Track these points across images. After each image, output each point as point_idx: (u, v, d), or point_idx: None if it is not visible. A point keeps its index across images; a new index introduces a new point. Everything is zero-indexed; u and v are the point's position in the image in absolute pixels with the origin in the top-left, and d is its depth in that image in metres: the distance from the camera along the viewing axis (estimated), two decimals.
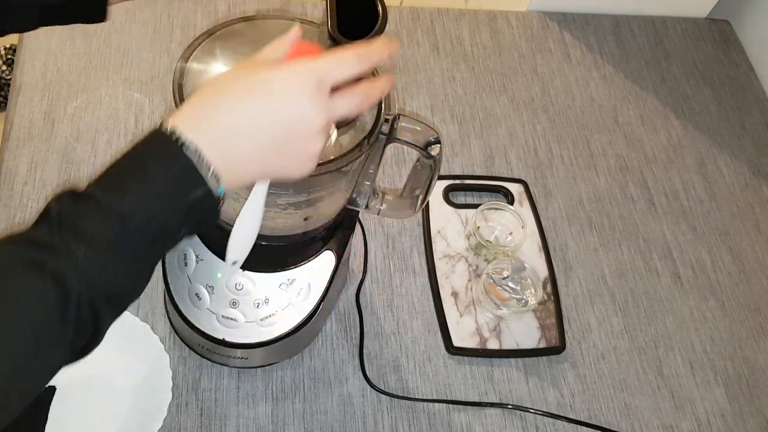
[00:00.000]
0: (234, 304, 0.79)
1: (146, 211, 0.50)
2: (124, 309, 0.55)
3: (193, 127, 0.52)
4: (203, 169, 0.51)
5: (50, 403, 0.83)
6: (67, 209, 0.50)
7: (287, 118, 0.53)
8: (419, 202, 0.77)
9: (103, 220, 0.49)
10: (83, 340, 0.51)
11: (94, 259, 0.49)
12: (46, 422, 0.82)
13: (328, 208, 0.73)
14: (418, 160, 0.74)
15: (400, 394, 0.90)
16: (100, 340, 0.53)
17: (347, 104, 0.57)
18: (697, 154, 1.20)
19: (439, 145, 0.71)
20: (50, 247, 0.49)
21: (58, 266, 0.48)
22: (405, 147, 0.70)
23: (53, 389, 0.84)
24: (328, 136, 0.58)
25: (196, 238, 0.79)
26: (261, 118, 0.53)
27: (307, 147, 0.55)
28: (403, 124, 0.70)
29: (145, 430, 0.81)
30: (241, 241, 0.62)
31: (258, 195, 0.60)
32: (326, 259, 0.80)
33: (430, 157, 0.71)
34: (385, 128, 0.68)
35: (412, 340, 0.95)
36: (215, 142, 0.52)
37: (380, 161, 0.72)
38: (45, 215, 0.51)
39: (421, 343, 0.95)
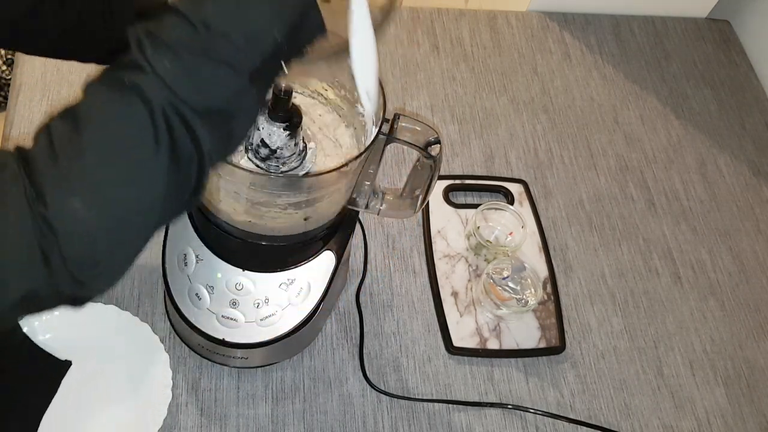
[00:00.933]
0: (234, 304, 0.79)
1: (229, 16, 0.47)
2: (231, 138, 0.51)
3: None
4: None
5: (63, 377, 0.84)
6: (147, 26, 0.47)
7: None
8: (419, 202, 0.77)
9: (185, 29, 0.46)
10: (187, 170, 0.48)
11: (178, 67, 0.46)
12: (54, 395, 0.83)
13: (328, 208, 0.73)
14: (418, 160, 0.74)
15: (400, 394, 0.90)
16: (206, 171, 0.49)
17: None
18: (697, 154, 1.20)
19: (439, 145, 0.71)
20: (131, 64, 0.46)
21: (139, 80, 0.46)
22: (405, 147, 0.71)
23: (68, 363, 0.85)
24: None
25: (195, 238, 0.79)
26: None
27: None
28: (403, 124, 0.70)
29: (145, 429, 0.82)
30: (365, 63, 0.54)
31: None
32: (326, 259, 0.80)
33: (430, 157, 0.71)
34: (385, 128, 0.68)
35: (412, 340, 0.95)
36: None
37: (380, 161, 0.72)
38: (131, 42, 0.48)
39: (421, 343, 0.95)
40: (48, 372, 0.84)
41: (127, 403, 0.84)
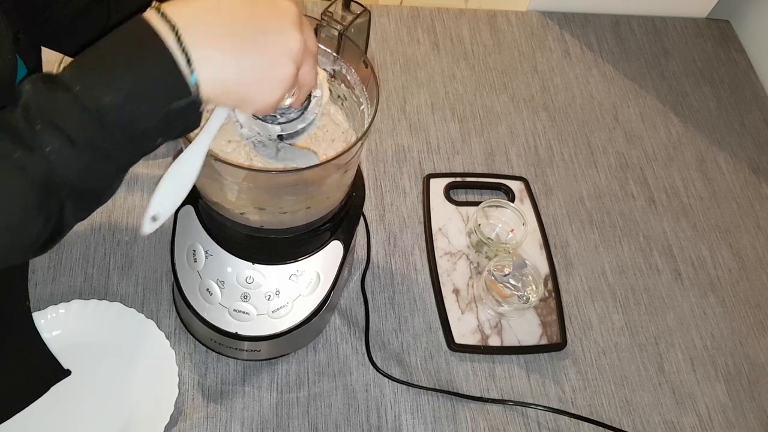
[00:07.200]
0: (245, 297, 0.83)
1: (126, 112, 0.50)
2: (89, 209, 0.56)
3: (182, 17, 0.52)
4: (188, 76, 0.51)
5: (55, 383, 0.87)
6: (42, 99, 0.50)
7: (273, 22, 0.55)
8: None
9: (80, 116, 0.50)
10: (46, 234, 0.53)
11: (67, 154, 0.50)
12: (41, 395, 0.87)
13: (330, 195, 0.78)
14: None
15: (404, 380, 0.94)
16: (60, 238, 0.55)
17: (311, 66, 0.60)
18: (697, 151, 1.25)
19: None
20: (23, 137, 0.49)
21: (27, 158, 0.49)
22: (404, 145, 0.74)
23: (68, 372, 0.88)
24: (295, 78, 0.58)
25: (203, 234, 0.84)
26: (248, 13, 0.55)
27: (281, 65, 0.56)
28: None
29: (152, 425, 0.86)
30: (170, 191, 0.58)
31: (211, 128, 0.59)
32: (334, 249, 0.84)
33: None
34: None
35: (414, 337, 0.99)
36: (198, 23, 0.52)
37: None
38: (21, 101, 0.50)
39: (422, 340, 0.99)
40: (42, 371, 0.87)
41: (134, 399, 0.88)
